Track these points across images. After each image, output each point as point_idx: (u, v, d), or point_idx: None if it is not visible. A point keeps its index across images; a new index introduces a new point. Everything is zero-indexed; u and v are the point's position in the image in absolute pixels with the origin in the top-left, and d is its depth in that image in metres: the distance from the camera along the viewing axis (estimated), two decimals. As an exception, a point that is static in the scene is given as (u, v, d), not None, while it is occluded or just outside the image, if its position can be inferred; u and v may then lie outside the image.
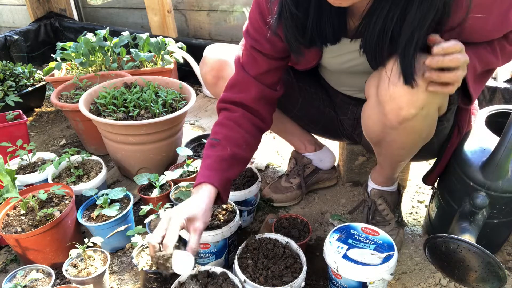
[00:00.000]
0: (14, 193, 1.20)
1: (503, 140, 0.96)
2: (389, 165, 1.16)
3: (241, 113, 1.05)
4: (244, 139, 1.03)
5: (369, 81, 0.98)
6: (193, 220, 0.89)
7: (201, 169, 0.99)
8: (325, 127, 1.38)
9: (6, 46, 2.83)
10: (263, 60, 1.03)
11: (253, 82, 1.04)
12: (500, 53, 0.92)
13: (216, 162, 0.98)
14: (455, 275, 1.01)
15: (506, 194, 1.01)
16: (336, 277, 1.02)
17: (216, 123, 1.06)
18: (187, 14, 2.72)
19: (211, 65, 1.24)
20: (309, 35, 0.89)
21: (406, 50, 0.78)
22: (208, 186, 0.95)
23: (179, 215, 0.88)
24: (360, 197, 1.52)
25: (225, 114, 1.06)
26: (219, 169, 0.97)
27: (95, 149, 1.83)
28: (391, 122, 0.91)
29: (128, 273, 1.22)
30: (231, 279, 0.99)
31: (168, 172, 1.42)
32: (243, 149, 1.03)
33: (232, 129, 1.03)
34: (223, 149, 1.00)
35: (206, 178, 0.95)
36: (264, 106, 1.08)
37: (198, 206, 0.91)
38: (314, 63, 1.08)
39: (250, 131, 1.05)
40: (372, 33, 0.81)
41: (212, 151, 1.00)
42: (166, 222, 0.88)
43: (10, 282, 1.07)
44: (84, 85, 1.90)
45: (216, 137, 1.02)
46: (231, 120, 1.04)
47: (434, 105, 0.90)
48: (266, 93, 1.06)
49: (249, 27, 1.03)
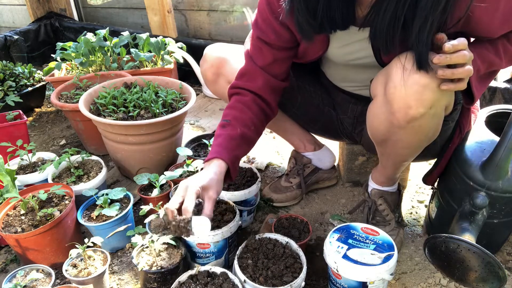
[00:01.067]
0: (14, 193, 1.20)
1: (503, 140, 0.96)
2: (392, 165, 1.16)
3: (251, 98, 1.10)
4: (252, 121, 1.08)
5: (375, 79, 0.98)
6: (207, 189, 0.95)
7: (213, 146, 1.04)
8: (325, 126, 1.38)
9: (6, 46, 2.83)
10: (269, 50, 1.07)
11: (259, 72, 1.09)
12: (503, 54, 0.93)
13: (226, 140, 1.03)
14: (455, 275, 1.01)
15: (506, 194, 1.01)
16: (336, 277, 1.02)
17: (227, 106, 1.11)
18: (187, 14, 2.72)
19: (211, 62, 1.26)
20: (319, 19, 0.90)
21: (420, 35, 0.79)
22: (219, 160, 1.00)
23: (195, 183, 0.93)
24: (360, 197, 1.52)
25: (236, 97, 1.11)
26: (229, 147, 1.03)
27: (95, 149, 1.83)
28: (399, 121, 0.91)
29: (128, 273, 1.22)
30: (231, 279, 0.99)
31: (168, 172, 1.42)
32: (251, 130, 1.08)
33: (241, 110, 1.08)
34: (233, 129, 1.05)
35: (217, 154, 1.00)
36: (270, 94, 1.11)
37: (211, 177, 0.97)
38: (320, 53, 1.08)
39: (257, 115, 1.10)
40: (383, 19, 0.81)
41: (223, 131, 1.06)
42: (183, 190, 0.93)
43: (10, 282, 1.07)
44: (84, 85, 1.90)
45: (227, 118, 1.08)
46: (241, 103, 1.09)
47: (442, 104, 0.90)
48: (272, 83, 1.10)
49: (258, 17, 1.06)
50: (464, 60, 0.76)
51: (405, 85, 0.85)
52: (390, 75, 0.89)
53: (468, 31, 0.90)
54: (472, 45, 0.92)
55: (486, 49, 0.91)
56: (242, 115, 1.07)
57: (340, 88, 1.27)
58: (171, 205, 0.92)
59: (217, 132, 1.07)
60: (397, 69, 0.87)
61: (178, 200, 0.92)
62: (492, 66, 0.93)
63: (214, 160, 1.00)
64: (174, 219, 0.91)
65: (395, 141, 1.01)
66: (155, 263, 1.08)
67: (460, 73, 0.77)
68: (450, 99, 0.93)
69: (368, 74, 1.10)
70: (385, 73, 0.93)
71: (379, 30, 0.83)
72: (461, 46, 0.75)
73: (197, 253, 1.12)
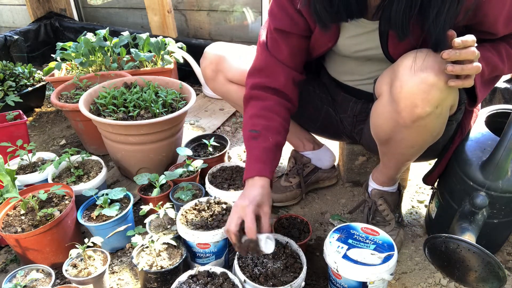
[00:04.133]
0: (14, 193, 1.20)
1: (503, 140, 0.96)
2: (394, 165, 1.16)
3: (274, 101, 1.09)
4: (282, 126, 1.09)
5: (380, 78, 0.99)
6: (261, 206, 0.99)
7: (250, 161, 1.05)
8: (324, 125, 1.38)
9: (6, 46, 2.83)
10: (287, 41, 1.07)
11: (280, 66, 1.08)
12: (506, 59, 0.94)
13: (263, 154, 1.04)
14: (455, 275, 1.01)
15: (506, 194, 1.01)
16: (336, 277, 1.02)
17: (251, 115, 1.09)
18: (187, 14, 2.72)
19: (210, 59, 1.28)
20: (336, 7, 0.91)
21: (437, 19, 0.80)
22: (262, 178, 1.02)
23: (251, 203, 0.97)
24: (360, 197, 1.52)
25: (258, 104, 1.09)
26: (267, 161, 1.04)
27: (95, 149, 1.83)
28: (405, 120, 0.92)
29: (128, 273, 1.22)
30: (231, 279, 0.99)
31: (168, 172, 1.42)
32: (283, 136, 1.09)
33: (270, 119, 1.07)
34: (265, 140, 1.05)
35: (259, 172, 1.02)
36: (292, 88, 1.11)
37: (261, 194, 1.00)
38: (330, 45, 1.09)
39: (285, 117, 1.10)
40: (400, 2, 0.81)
41: (255, 143, 1.06)
42: (240, 211, 0.97)
43: (10, 282, 1.07)
44: (84, 85, 1.90)
45: (256, 129, 1.06)
46: (267, 110, 1.08)
47: (447, 103, 0.90)
48: (293, 75, 1.10)
49: (273, 6, 1.06)
50: (473, 56, 0.76)
51: (412, 84, 0.85)
52: (396, 74, 0.89)
53: (474, 25, 0.90)
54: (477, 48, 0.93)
55: (490, 52, 0.91)
56: (272, 123, 1.07)
57: (341, 86, 1.27)
58: (233, 227, 0.96)
59: (249, 144, 1.07)
60: (404, 68, 0.87)
61: (238, 221, 0.96)
62: (496, 70, 0.93)
63: (256, 178, 1.02)
64: (240, 244, 0.96)
65: (399, 141, 1.01)
66: (155, 263, 1.08)
67: (469, 69, 0.78)
68: (455, 99, 0.93)
69: (372, 67, 1.11)
70: (391, 72, 0.93)
71: (396, 12, 0.83)
72: (470, 42, 0.75)
73: (197, 253, 1.12)
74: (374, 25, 0.98)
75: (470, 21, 0.89)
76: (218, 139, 1.73)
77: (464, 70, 0.78)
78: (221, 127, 2.12)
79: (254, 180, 1.02)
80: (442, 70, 0.82)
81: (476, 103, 0.97)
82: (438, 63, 0.83)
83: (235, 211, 0.98)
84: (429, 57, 0.85)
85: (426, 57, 0.85)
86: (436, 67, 0.83)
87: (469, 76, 0.80)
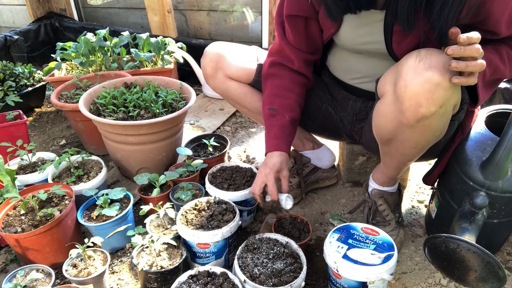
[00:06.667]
0: (14, 193, 1.20)
1: (503, 140, 0.96)
2: (395, 165, 1.15)
3: (289, 78, 1.21)
4: (297, 102, 1.21)
5: (383, 78, 0.99)
6: (281, 170, 1.16)
7: (269, 137, 1.19)
8: (323, 123, 1.38)
9: (6, 46, 2.83)
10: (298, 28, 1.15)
11: (291, 48, 1.18)
12: (507, 61, 0.94)
13: (280, 131, 1.18)
14: (455, 275, 1.01)
15: (506, 194, 1.01)
16: (336, 277, 1.02)
17: (269, 94, 1.22)
18: (187, 14, 2.72)
19: (210, 57, 1.30)
20: (346, 1, 0.96)
21: (442, 10, 0.82)
22: (279, 152, 1.17)
23: (271, 170, 1.14)
24: (360, 197, 1.52)
25: (275, 82, 1.22)
26: (284, 137, 1.18)
27: (95, 149, 1.83)
28: (408, 120, 0.92)
29: (128, 273, 1.22)
30: (231, 279, 0.99)
31: (168, 172, 1.42)
32: (297, 112, 1.21)
33: (285, 97, 1.20)
34: (282, 117, 1.18)
35: (276, 147, 1.17)
36: (305, 68, 1.22)
37: (280, 162, 1.16)
38: (333, 31, 1.12)
39: (299, 93, 1.22)
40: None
41: (274, 121, 1.19)
42: (264, 177, 1.15)
43: (10, 282, 1.07)
44: (84, 85, 1.90)
45: (273, 107, 1.20)
46: (283, 88, 1.20)
47: (451, 103, 0.90)
48: (304, 57, 1.20)
49: None
50: (477, 53, 0.76)
51: (416, 83, 0.85)
52: (400, 73, 0.89)
53: (477, 24, 0.91)
54: None
55: (492, 54, 0.91)
56: (287, 101, 1.19)
57: (342, 85, 1.27)
58: (257, 191, 1.16)
59: (268, 122, 1.20)
60: (408, 67, 0.87)
61: (261, 185, 1.15)
62: (497, 71, 0.93)
63: (275, 152, 1.17)
64: (265, 204, 1.18)
65: (402, 141, 1.01)
66: (155, 263, 1.08)
67: (473, 66, 0.78)
68: (458, 98, 0.93)
69: (374, 64, 1.11)
70: (394, 71, 0.93)
71: (402, 4, 0.86)
72: (474, 39, 0.76)
73: (197, 253, 1.13)
74: (378, 16, 0.99)
75: (473, 19, 0.89)
76: (218, 139, 1.73)
77: (468, 67, 0.78)
78: (221, 127, 2.12)
79: (273, 153, 1.17)
80: (446, 69, 0.82)
81: (477, 104, 0.97)
82: (442, 62, 0.83)
83: (259, 177, 1.16)
84: (433, 56, 0.84)
85: (430, 56, 0.85)
86: (441, 66, 0.83)
87: (472, 73, 0.80)
